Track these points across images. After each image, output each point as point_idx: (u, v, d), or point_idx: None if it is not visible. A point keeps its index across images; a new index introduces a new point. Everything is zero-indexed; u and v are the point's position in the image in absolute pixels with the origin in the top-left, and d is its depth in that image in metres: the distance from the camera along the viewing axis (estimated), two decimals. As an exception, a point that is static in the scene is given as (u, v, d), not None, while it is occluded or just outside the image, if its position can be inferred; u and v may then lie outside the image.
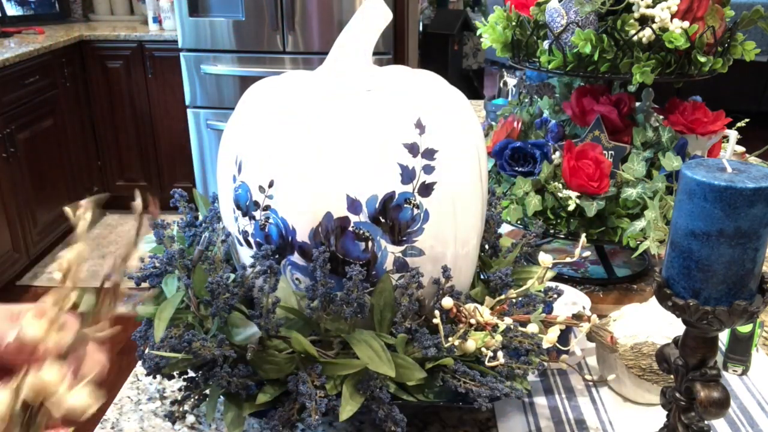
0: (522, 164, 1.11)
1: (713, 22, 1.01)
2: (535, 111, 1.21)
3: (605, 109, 1.08)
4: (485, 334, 0.75)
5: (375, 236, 0.72)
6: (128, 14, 4.00)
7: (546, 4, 1.05)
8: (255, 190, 0.74)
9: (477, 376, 0.74)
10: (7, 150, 2.92)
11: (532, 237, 0.92)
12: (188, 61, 3.24)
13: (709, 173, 0.60)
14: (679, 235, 0.62)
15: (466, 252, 0.80)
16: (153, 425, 0.84)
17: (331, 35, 3.04)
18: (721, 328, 0.63)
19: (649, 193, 1.03)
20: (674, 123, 1.10)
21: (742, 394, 0.91)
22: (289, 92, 0.78)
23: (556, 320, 0.78)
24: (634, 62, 0.99)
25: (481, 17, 5.08)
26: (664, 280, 0.65)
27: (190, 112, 3.34)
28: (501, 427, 0.85)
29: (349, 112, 0.73)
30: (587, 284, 1.16)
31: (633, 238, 1.03)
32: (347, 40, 0.80)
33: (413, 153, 0.72)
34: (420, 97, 0.76)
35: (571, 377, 0.95)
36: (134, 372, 0.94)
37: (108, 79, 3.55)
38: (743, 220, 0.58)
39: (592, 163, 1.05)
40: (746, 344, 0.94)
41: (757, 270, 0.61)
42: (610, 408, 0.89)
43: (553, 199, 1.08)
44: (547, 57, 1.04)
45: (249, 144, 0.75)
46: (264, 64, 3.19)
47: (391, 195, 0.71)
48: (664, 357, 0.71)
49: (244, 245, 0.78)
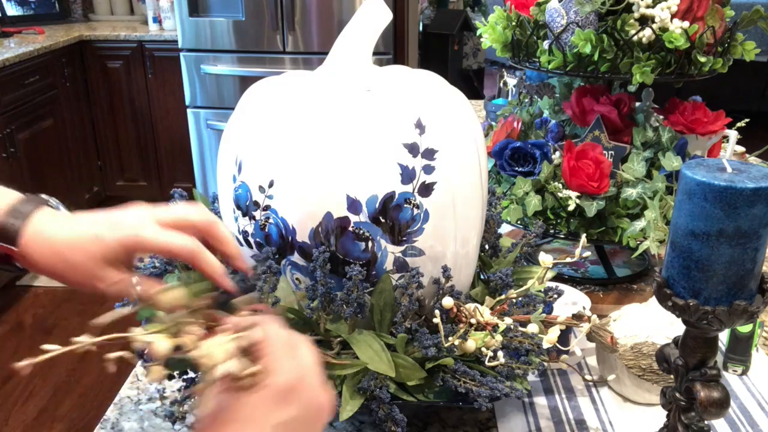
0: (522, 164, 1.11)
1: (713, 22, 1.01)
2: (535, 111, 1.21)
3: (605, 109, 1.08)
4: (485, 334, 0.75)
5: (375, 236, 0.72)
6: (128, 14, 4.00)
7: (546, 4, 1.05)
8: (255, 190, 0.74)
9: (477, 376, 0.74)
10: (7, 150, 2.92)
11: (532, 237, 0.92)
12: (188, 61, 3.24)
13: (709, 173, 0.60)
14: (679, 235, 0.62)
15: (466, 252, 0.80)
16: (153, 425, 0.84)
17: (331, 35, 3.04)
18: (721, 328, 0.63)
19: (649, 193, 1.03)
20: (674, 123, 1.10)
21: (742, 394, 0.91)
22: (289, 92, 0.78)
23: (556, 320, 0.78)
24: (634, 62, 0.99)
25: (481, 17, 5.08)
26: (664, 280, 0.65)
27: (190, 112, 3.34)
28: (501, 427, 0.85)
29: (349, 112, 0.73)
30: (587, 284, 1.16)
31: (633, 238, 1.04)
32: (347, 40, 0.80)
33: (413, 153, 0.72)
34: (420, 97, 0.76)
35: (571, 377, 0.95)
36: (134, 372, 0.94)
37: (108, 79, 3.56)
38: (743, 220, 0.58)
39: (592, 163, 1.05)
40: (746, 344, 0.94)
41: (757, 270, 0.61)
42: (610, 408, 0.89)
43: (553, 199, 1.08)
44: (547, 57, 1.04)
45: (249, 144, 0.75)
46: (264, 64, 3.19)
47: (391, 195, 0.71)
48: (664, 357, 0.71)
49: (244, 245, 0.78)
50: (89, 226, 0.60)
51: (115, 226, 0.59)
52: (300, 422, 0.46)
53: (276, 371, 0.47)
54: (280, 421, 0.45)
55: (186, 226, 0.61)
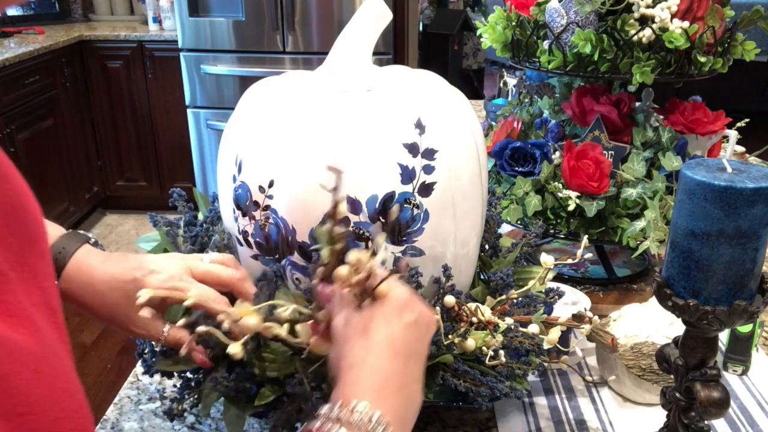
0: (522, 164, 1.12)
1: (713, 22, 1.01)
2: (535, 111, 1.21)
3: (605, 109, 1.08)
4: (486, 334, 0.75)
5: (375, 236, 0.72)
6: (128, 14, 4.00)
7: (546, 4, 1.05)
8: (255, 190, 0.74)
9: (477, 375, 0.74)
10: (7, 150, 2.91)
11: (532, 237, 0.92)
12: (188, 61, 3.24)
13: (709, 173, 0.60)
14: (679, 235, 0.62)
15: (466, 252, 0.80)
16: (153, 425, 0.84)
17: (331, 35, 3.04)
18: (721, 328, 0.63)
19: (649, 193, 1.03)
20: (674, 123, 1.10)
21: (742, 394, 0.91)
22: (289, 92, 0.78)
23: (557, 321, 0.78)
24: (634, 62, 0.99)
25: (481, 17, 5.08)
26: (664, 280, 0.65)
27: (190, 112, 3.34)
28: (501, 427, 0.85)
29: (349, 112, 0.73)
30: (587, 284, 1.16)
31: (633, 238, 1.04)
32: (347, 40, 0.80)
33: (413, 153, 0.72)
34: (420, 97, 0.76)
35: (571, 377, 0.95)
36: (134, 372, 0.94)
37: (108, 79, 3.55)
38: (743, 220, 0.58)
39: (592, 163, 1.05)
40: (746, 344, 0.94)
41: (757, 270, 0.61)
42: (610, 408, 0.89)
43: (553, 199, 1.08)
44: (547, 57, 1.04)
45: (249, 144, 0.75)
46: (264, 64, 3.19)
47: (391, 195, 0.71)
48: (664, 357, 0.71)
49: (244, 245, 0.78)
50: (128, 270, 0.65)
51: (155, 275, 0.65)
52: (419, 326, 0.57)
53: (392, 290, 0.57)
54: (407, 322, 0.56)
55: (217, 281, 0.68)
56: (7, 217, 0.37)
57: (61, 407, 0.35)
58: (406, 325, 0.56)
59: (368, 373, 0.53)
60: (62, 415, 0.35)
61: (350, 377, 0.53)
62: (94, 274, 0.65)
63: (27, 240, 0.39)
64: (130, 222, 3.79)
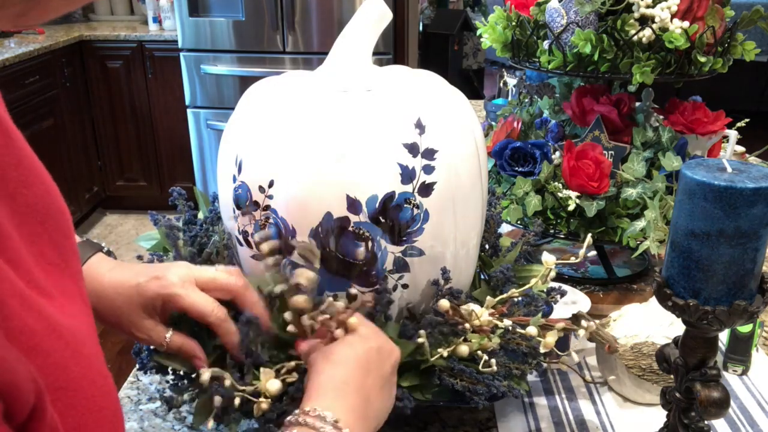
0: (522, 164, 1.11)
1: (713, 22, 1.01)
2: (535, 111, 1.21)
3: (605, 109, 1.08)
4: (481, 338, 0.75)
5: (375, 236, 0.72)
6: (128, 14, 4.00)
7: (546, 4, 1.05)
8: (255, 190, 0.74)
9: (473, 373, 0.74)
10: (7, 150, 2.91)
11: (531, 235, 0.92)
12: (188, 61, 3.24)
13: (709, 173, 0.60)
14: (679, 235, 0.62)
15: (466, 252, 0.80)
16: (153, 425, 0.84)
17: (331, 35, 3.04)
18: (721, 328, 0.63)
19: (649, 193, 1.03)
20: (674, 123, 1.10)
21: (742, 394, 0.91)
22: (289, 92, 0.78)
23: (555, 325, 0.78)
24: (634, 62, 0.99)
25: (481, 17, 5.08)
26: (664, 280, 0.65)
27: (190, 112, 3.34)
28: (501, 427, 0.85)
29: (349, 112, 0.73)
30: (587, 284, 1.16)
31: (633, 238, 1.03)
32: (347, 40, 0.80)
33: (413, 153, 0.72)
34: (420, 97, 0.76)
35: (571, 377, 0.95)
36: (134, 372, 0.94)
37: (108, 79, 3.55)
38: (743, 220, 0.58)
39: (592, 163, 1.05)
40: (746, 344, 0.94)
41: (757, 270, 0.61)
42: (610, 408, 0.89)
43: (553, 199, 1.08)
44: (547, 57, 1.04)
45: (249, 144, 0.75)
46: (264, 64, 3.19)
47: (391, 195, 0.71)
48: (664, 357, 0.71)
49: (244, 245, 0.78)
50: (134, 276, 0.67)
51: (156, 280, 0.67)
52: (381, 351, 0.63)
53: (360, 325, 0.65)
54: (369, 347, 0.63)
55: (220, 288, 0.69)
56: (44, 215, 0.41)
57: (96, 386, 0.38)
58: (368, 349, 0.63)
59: (326, 378, 0.59)
60: (97, 393, 0.38)
61: (312, 386, 0.59)
62: (103, 281, 0.67)
63: (61, 238, 0.42)
64: (130, 222, 3.79)
